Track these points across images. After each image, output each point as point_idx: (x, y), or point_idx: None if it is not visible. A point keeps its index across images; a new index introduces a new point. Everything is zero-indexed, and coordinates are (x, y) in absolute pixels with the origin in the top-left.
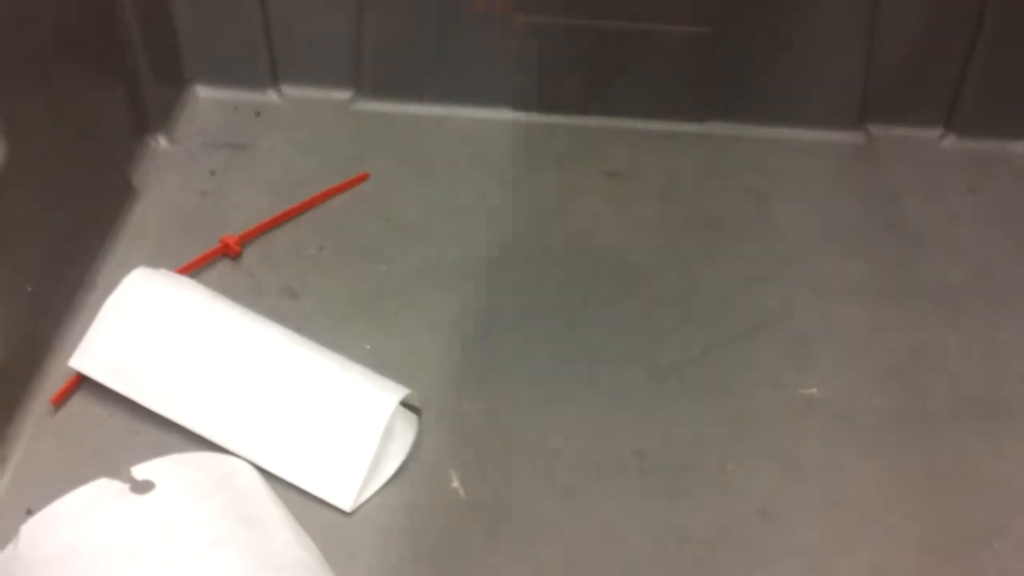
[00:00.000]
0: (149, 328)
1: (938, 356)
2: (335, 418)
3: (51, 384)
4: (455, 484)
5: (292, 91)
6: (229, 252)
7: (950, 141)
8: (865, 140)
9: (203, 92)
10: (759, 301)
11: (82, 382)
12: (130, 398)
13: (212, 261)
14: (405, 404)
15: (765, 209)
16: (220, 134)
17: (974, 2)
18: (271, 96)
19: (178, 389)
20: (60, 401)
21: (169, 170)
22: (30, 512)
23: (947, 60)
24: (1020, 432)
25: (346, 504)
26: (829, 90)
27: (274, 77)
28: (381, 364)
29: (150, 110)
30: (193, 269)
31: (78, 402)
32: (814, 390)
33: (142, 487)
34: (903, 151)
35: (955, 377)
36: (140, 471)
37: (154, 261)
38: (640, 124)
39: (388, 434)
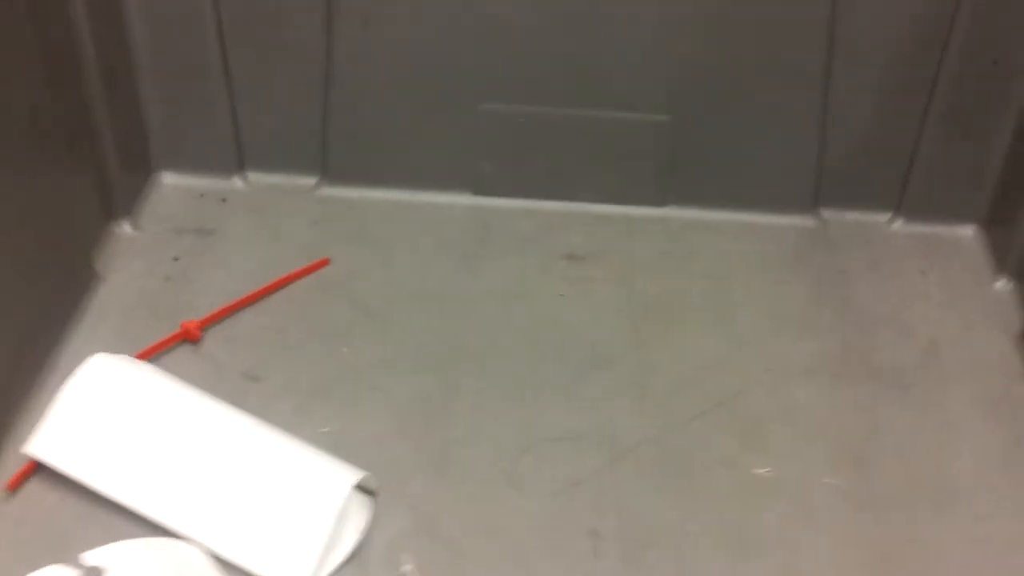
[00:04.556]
0: (105, 415)
1: (889, 436)
2: (288, 501)
3: (7, 468)
4: (407, 567)
5: (258, 177)
6: (190, 337)
7: (900, 225)
8: (818, 224)
9: (169, 179)
10: (715, 382)
11: (38, 467)
12: (86, 484)
13: (173, 346)
14: (361, 487)
15: (721, 291)
16: (185, 220)
17: (921, 94)
18: (236, 183)
19: (133, 475)
20: (16, 486)
21: (133, 256)
22: None
23: (896, 148)
24: (968, 512)
25: None
26: (783, 176)
27: (240, 164)
28: (339, 447)
29: (116, 197)
30: (153, 354)
31: (34, 487)
32: (767, 469)
33: (93, 573)
34: (855, 234)
35: (906, 457)
36: (92, 557)
37: (116, 346)
38: (599, 208)
39: (342, 517)
